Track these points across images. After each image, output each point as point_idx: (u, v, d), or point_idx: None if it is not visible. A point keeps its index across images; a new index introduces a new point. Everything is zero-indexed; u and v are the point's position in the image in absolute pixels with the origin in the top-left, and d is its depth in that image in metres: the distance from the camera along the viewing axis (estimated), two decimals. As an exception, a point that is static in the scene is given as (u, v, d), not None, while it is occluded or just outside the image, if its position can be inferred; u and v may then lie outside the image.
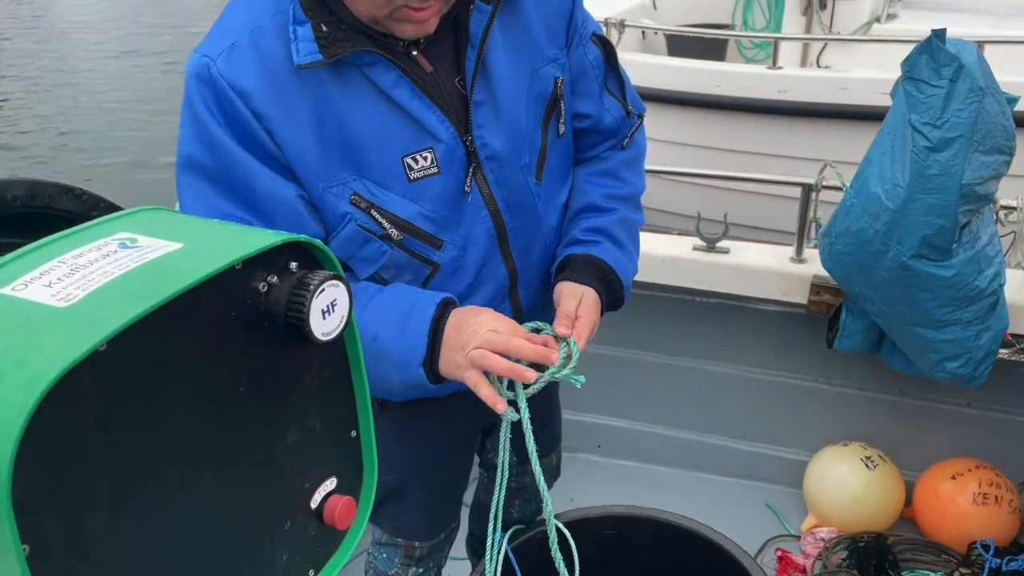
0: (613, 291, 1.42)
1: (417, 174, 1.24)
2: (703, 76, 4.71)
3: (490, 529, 1.47)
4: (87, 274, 0.63)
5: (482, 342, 1.19)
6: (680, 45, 5.53)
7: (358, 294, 1.23)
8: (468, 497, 1.86)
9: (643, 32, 5.43)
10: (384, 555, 1.70)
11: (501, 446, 1.35)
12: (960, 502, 2.29)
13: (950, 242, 1.85)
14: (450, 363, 1.22)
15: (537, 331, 1.32)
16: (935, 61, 1.79)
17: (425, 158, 1.23)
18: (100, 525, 0.61)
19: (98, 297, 0.60)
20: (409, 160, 1.23)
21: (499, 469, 1.37)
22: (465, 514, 1.83)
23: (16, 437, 0.52)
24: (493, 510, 1.44)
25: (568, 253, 1.42)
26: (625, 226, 1.47)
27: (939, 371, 2.04)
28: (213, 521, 0.71)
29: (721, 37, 5.62)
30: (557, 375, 1.25)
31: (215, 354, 0.68)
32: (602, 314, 1.42)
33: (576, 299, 1.34)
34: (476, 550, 2.04)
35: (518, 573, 1.65)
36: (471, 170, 1.27)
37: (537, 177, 1.35)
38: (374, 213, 1.23)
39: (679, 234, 2.86)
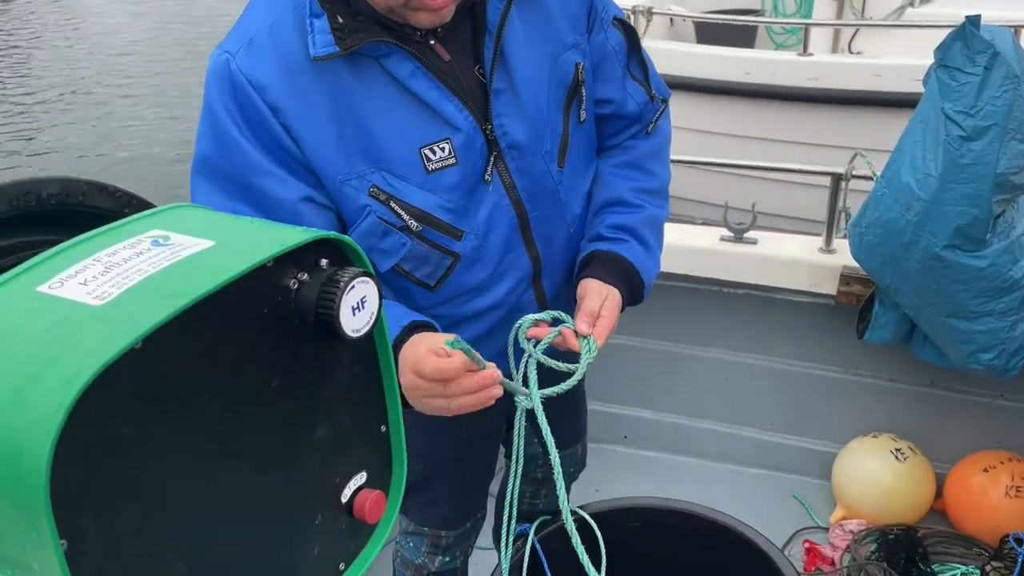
0: (635, 290, 1.42)
1: (435, 165, 1.24)
2: (732, 63, 4.66)
3: (505, 516, 1.48)
4: (121, 272, 0.63)
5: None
6: (709, 32, 5.48)
7: None
8: (495, 487, 1.86)
9: (671, 19, 5.38)
10: (411, 544, 1.71)
11: (516, 433, 1.36)
12: (992, 495, 2.26)
13: (984, 232, 1.82)
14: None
15: (558, 321, 1.33)
16: (969, 48, 1.76)
17: (443, 148, 1.23)
18: (136, 520, 0.62)
19: (133, 295, 0.61)
20: (427, 151, 1.23)
21: (513, 457, 1.39)
22: (491, 504, 1.84)
23: (54, 435, 0.53)
24: (508, 497, 1.45)
25: (593, 249, 1.41)
26: (651, 224, 1.46)
27: (972, 363, 2.01)
28: (245, 516, 0.71)
29: (750, 23, 5.55)
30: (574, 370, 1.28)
31: (247, 351, 0.68)
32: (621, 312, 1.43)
33: (601, 298, 1.34)
34: (503, 540, 2.05)
35: (545, 565, 1.65)
36: (492, 159, 1.27)
37: (559, 164, 1.35)
38: (393, 205, 1.23)
39: (703, 223, 2.85)
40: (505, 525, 1.49)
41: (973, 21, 1.75)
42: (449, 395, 1.11)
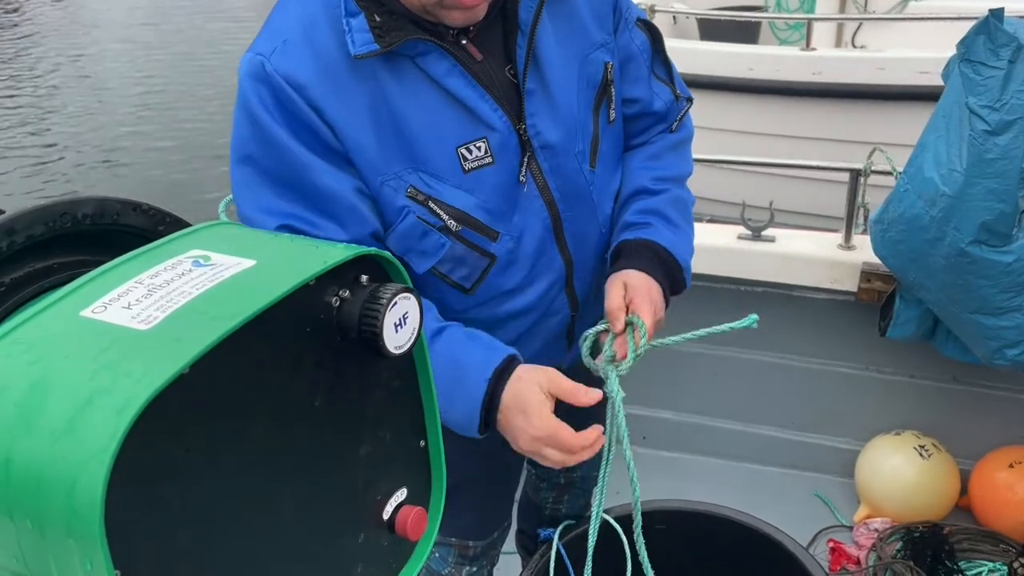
0: (673, 275, 1.40)
1: (472, 164, 1.23)
2: (735, 60, 4.65)
3: (594, 511, 1.48)
4: (165, 294, 0.62)
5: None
6: (712, 29, 5.46)
7: None
8: (517, 494, 1.85)
9: (674, 17, 5.37)
10: (437, 555, 1.70)
11: (609, 422, 1.35)
12: (1018, 490, 2.25)
13: (1010, 227, 1.80)
14: (514, 440, 1.26)
15: (597, 341, 1.33)
16: (993, 42, 1.74)
17: (479, 148, 1.23)
18: (185, 546, 0.61)
19: (179, 318, 0.60)
20: (463, 150, 1.22)
21: (605, 448, 1.38)
22: (514, 511, 1.83)
23: (108, 464, 0.52)
24: (598, 490, 1.46)
25: (622, 239, 1.39)
26: (676, 205, 1.44)
27: (998, 358, 2.00)
28: (291, 537, 0.70)
29: (753, 20, 5.53)
30: (635, 359, 1.30)
31: (291, 371, 0.67)
32: (667, 301, 1.40)
33: (621, 289, 1.33)
34: (526, 546, 2.04)
35: (569, 568, 1.64)
36: (525, 159, 1.26)
37: (591, 164, 1.34)
38: (432, 205, 1.22)
39: (709, 220, 2.83)
40: (593, 518, 1.48)
41: (996, 14, 1.74)
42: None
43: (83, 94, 10.30)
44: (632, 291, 1.33)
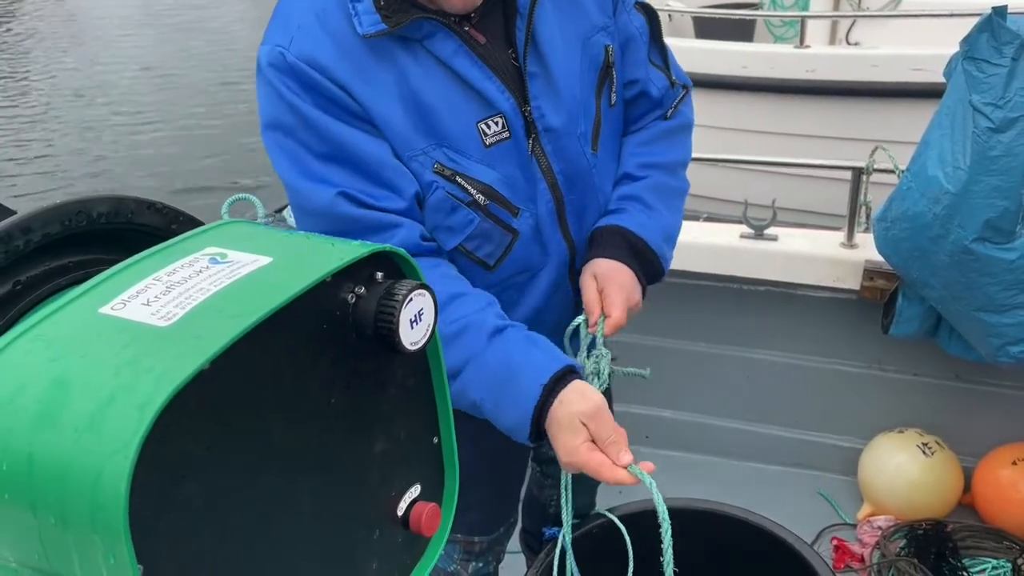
0: (644, 257, 1.40)
1: (491, 139, 1.24)
2: (730, 57, 4.65)
3: (564, 509, 1.47)
4: (183, 291, 0.62)
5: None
6: (707, 26, 5.47)
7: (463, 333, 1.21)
8: (522, 492, 1.85)
9: (669, 15, 5.37)
10: (443, 551, 1.70)
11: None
12: (1021, 488, 2.25)
13: (1014, 224, 1.81)
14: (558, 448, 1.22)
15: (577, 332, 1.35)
16: (996, 39, 1.74)
17: (497, 123, 1.25)
18: (205, 542, 0.61)
19: (198, 315, 0.60)
20: (482, 126, 1.24)
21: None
22: (518, 509, 1.83)
23: (132, 458, 0.52)
24: (564, 491, 1.45)
25: (596, 227, 1.41)
26: (656, 190, 1.44)
27: (1002, 356, 2.00)
28: (307, 533, 0.71)
29: (747, 17, 5.54)
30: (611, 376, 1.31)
31: (307, 368, 0.68)
32: (644, 289, 1.41)
33: (592, 281, 1.34)
34: (530, 544, 2.04)
35: (574, 567, 1.64)
36: (531, 142, 1.28)
37: (593, 147, 1.35)
38: (459, 180, 1.24)
39: (706, 219, 2.83)
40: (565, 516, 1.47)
41: (1000, 12, 1.74)
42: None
43: (87, 98, 10.32)
44: (602, 280, 1.34)
